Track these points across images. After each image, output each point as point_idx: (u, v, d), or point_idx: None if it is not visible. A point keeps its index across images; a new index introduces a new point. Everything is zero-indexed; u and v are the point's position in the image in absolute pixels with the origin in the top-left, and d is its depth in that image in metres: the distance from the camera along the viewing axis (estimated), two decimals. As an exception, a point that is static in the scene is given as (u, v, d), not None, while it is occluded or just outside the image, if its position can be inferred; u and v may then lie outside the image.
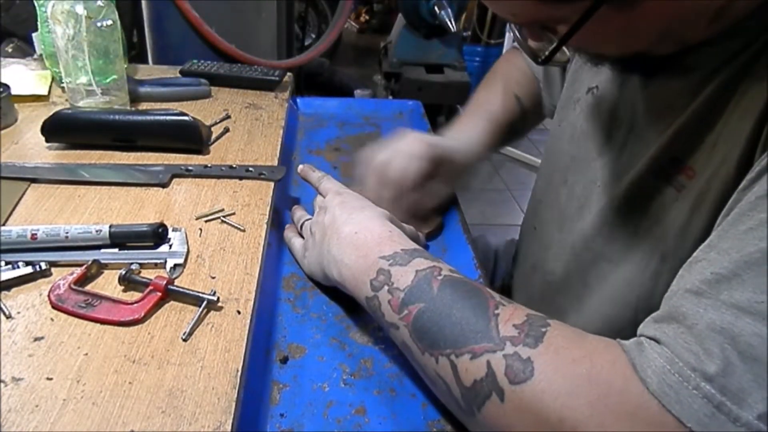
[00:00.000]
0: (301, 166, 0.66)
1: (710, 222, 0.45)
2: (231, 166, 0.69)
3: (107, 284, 0.51)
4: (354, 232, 0.52)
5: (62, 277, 0.50)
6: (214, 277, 0.52)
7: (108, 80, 0.78)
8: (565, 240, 0.64)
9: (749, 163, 0.42)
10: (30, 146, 0.72)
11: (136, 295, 0.49)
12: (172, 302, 0.49)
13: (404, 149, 0.66)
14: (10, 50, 1.49)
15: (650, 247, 0.51)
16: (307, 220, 0.62)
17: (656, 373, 0.34)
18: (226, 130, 0.79)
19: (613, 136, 0.58)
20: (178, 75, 0.94)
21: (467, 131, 0.75)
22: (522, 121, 0.81)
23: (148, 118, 0.73)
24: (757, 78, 0.43)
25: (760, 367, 0.31)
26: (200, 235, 0.58)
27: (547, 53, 0.45)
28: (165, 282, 0.49)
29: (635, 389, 0.34)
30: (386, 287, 0.47)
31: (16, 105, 0.78)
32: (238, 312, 0.48)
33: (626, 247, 0.54)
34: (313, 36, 3.21)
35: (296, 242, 0.63)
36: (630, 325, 0.53)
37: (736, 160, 0.43)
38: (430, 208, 0.70)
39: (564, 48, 0.45)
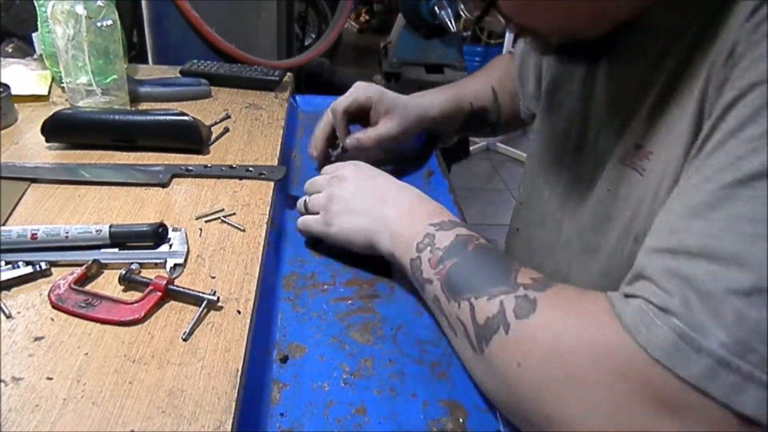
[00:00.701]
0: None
1: (658, 196, 0.47)
2: (231, 166, 0.69)
3: (107, 284, 0.51)
4: (411, 208, 0.57)
5: (62, 277, 0.50)
6: (214, 277, 0.52)
7: (108, 80, 0.78)
8: (548, 237, 0.66)
9: (692, 137, 0.43)
10: (30, 146, 0.72)
11: (136, 295, 0.49)
12: (172, 302, 0.49)
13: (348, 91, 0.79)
14: (10, 50, 1.49)
15: (620, 231, 0.53)
16: (313, 194, 0.64)
17: (631, 312, 0.37)
18: (226, 130, 0.79)
19: (588, 133, 0.61)
20: (178, 75, 0.94)
21: (426, 95, 0.84)
22: (495, 114, 0.86)
23: (148, 118, 0.73)
24: (702, 55, 0.44)
25: (715, 300, 0.33)
26: (200, 235, 0.58)
27: (478, 12, 0.49)
28: (165, 282, 0.49)
29: (613, 326, 0.37)
30: (429, 248, 0.52)
31: (16, 105, 0.78)
32: (238, 312, 0.48)
33: (600, 235, 0.56)
34: (313, 36, 3.22)
35: (309, 218, 0.63)
36: None
37: (685, 138, 0.45)
38: (371, 145, 0.79)
39: (502, 18, 0.49)
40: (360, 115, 0.81)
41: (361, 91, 0.79)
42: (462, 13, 0.53)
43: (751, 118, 0.36)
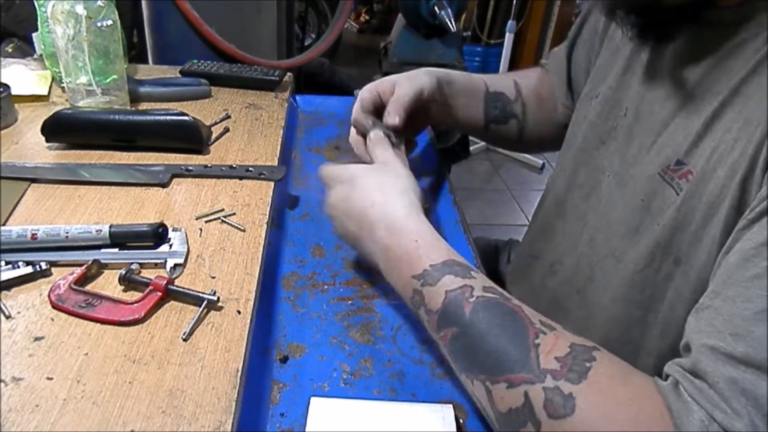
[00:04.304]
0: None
1: (707, 224, 0.45)
2: (231, 166, 0.69)
3: (107, 284, 0.51)
4: (386, 247, 0.51)
5: (62, 277, 0.50)
6: (214, 277, 0.52)
7: (108, 80, 0.78)
8: (570, 230, 0.64)
9: (750, 170, 0.41)
10: (30, 146, 0.72)
11: (137, 295, 0.49)
12: (172, 302, 0.49)
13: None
14: (10, 50, 1.49)
15: (653, 248, 0.51)
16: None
17: (692, 427, 0.34)
18: (226, 130, 0.79)
19: (619, 125, 0.59)
20: (178, 75, 0.94)
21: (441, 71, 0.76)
22: (520, 107, 0.80)
23: (148, 118, 0.73)
24: (762, 82, 0.42)
25: None
26: (200, 235, 0.58)
27: None
28: (165, 282, 0.49)
29: None
30: (423, 308, 0.47)
31: (16, 105, 0.78)
32: (238, 312, 0.48)
33: (628, 244, 0.54)
34: (313, 36, 3.22)
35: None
36: (639, 325, 0.53)
37: (729, 164, 0.43)
38: (402, 116, 0.69)
39: None
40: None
41: (373, 89, 0.70)
42: None
43: None
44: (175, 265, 0.53)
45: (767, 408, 0.32)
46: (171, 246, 0.55)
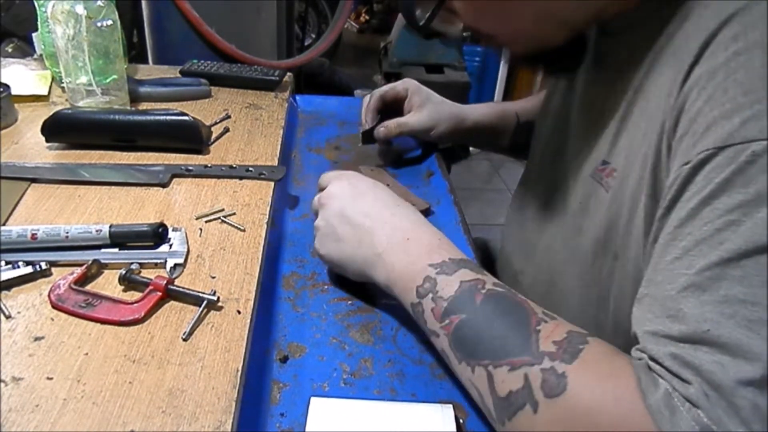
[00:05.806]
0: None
1: (632, 216, 0.47)
2: (231, 166, 0.69)
3: (107, 284, 0.51)
4: (406, 239, 0.52)
5: (62, 277, 0.50)
6: (214, 277, 0.52)
7: (108, 80, 0.78)
8: (529, 239, 0.67)
9: (657, 159, 0.44)
10: (30, 146, 0.72)
11: (136, 295, 0.49)
12: (172, 302, 0.49)
13: None
14: (10, 50, 1.49)
15: (595, 246, 0.53)
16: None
17: (658, 398, 0.35)
18: (226, 130, 0.79)
19: (567, 141, 0.62)
20: (178, 75, 0.94)
21: (469, 105, 0.85)
22: (518, 133, 0.84)
23: (148, 118, 0.73)
24: (657, 76, 0.46)
25: (727, 392, 0.33)
26: (200, 235, 0.58)
27: (426, 17, 0.48)
28: (165, 282, 0.49)
29: (641, 410, 0.35)
30: (431, 295, 0.47)
31: (16, 105, 0.78)
32: (238, 312, 0.48)
33: (575, 246, 0.56)
34: (313, 36, 3.22)
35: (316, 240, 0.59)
36: (592, 325, 0.54)
37: (641, 157, 0.46)
38: (397, 134, 0.82)
39: (459, 25, 0.50)
40: (397, 106, 0.84)
41: (401, 83, 0.82)
42: (407, 19, 0.53)
43: (723, 187, 0.36)
44: (175, 265, 0.53)
45: (709, 375, 0.33)
46: (171, 246, 0.55)
